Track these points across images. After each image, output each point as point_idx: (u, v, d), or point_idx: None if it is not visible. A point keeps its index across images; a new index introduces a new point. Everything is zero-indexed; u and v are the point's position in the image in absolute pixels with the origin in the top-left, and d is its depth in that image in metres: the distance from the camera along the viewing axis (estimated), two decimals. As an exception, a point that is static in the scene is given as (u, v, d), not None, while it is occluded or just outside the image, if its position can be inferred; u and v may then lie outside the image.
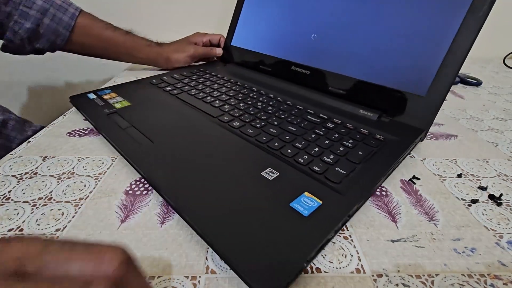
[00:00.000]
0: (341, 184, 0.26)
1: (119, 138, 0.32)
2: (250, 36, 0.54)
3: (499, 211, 0.26)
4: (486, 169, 0.32)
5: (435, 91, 0.33)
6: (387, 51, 0.37)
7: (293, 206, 0.23)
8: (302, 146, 0.31)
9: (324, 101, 0.41)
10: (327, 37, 0.43)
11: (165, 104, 0.41)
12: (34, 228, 0.23)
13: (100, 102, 0.41)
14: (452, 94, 0.54)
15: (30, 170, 0.29)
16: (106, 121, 0.36)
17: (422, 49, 0.35)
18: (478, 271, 0.20)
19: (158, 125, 0.35)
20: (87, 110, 0.39)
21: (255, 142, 0.32)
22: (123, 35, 0.54)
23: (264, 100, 0.42)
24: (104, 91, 0.44)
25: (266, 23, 0.51)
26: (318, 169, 0.27)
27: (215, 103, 0.41)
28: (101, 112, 0.38)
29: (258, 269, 0.18)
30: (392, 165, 0.28)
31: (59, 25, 0.48)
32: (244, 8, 0.56)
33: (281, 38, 0.49)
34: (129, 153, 0.30)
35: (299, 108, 0.39)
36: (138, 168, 0.28)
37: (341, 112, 0.38)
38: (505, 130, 0.40)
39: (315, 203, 0.23)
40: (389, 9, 0.37)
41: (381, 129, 0.34)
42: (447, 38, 0.33)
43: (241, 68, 0.54)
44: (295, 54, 0.47)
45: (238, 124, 0.35)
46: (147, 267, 0.20)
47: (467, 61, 0.33)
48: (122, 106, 0.39)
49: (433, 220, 0.25)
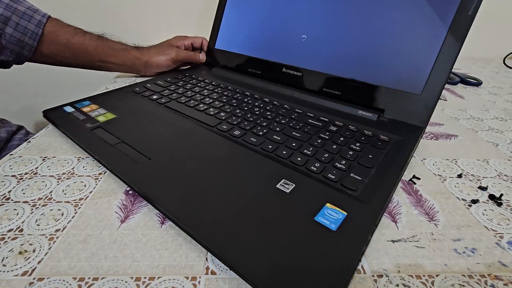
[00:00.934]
0: (359, 191, 0.25)
1: (111, 156, 0.29)
2: (236, 39, 0.52)
3: (500, 211, 0.26)
4: (487, 169, 0.32)
5: (430, 89, 0.34)
6: (380, 51, 0.37)
7: (318, 220, 0.22)
8: (310, 152, 0.29)
9: (320, 103, 0.41)
10: (318, 37, 0.42)
11: (155, 115, 0.37)
12: (34, 229, 0.23)
13: (79, 116, 0.36)
14: (452, 94, 0.54)
15: (30, 170, 0.29)
16: (91, 138, 0.32)
17: (415, 48, 0.35)
18: (479, 272, 0.20)
19: (152, 139, 0.32)
20: (65, 126, 0.34)
21: (261, 151, 0.30)
22: (95, 40, 0.48)
23: (260, 105, 0.40)
24: (82, 103, 0.40)
25: (252, 25, 0.49)
26: (333, 177, 0.26)
27: (209, 111, 0.38)
28: (83, 127, 0.34)
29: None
30: (404, 166, 0.28)
31: (24, 34, 0.43)
32: (227, 9, 0.53)
33: (270, 39, 0.47)
34: (126, 174, 0.26)
35: (298, 112, 0.38)
36: (142, 192, 0.25)
37: (340, 113, 0.38)
38: (505, 130, 0.40)
39: (340, 215, 0.22)
40: (380, 9, 0.37)
41: (383, 129, 0.34)
42: (439, 37, 0.34)
43: (229, 72, 0.52)
44: (286, 56, 0.45)
45: (239, 133, 0.33)
46: (147, 268, 0.20)
47: (467, 61, 0.33)
48: (106, 119, 0.35)
49: (434, 220, 0.25)
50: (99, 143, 0.31)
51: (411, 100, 0.35)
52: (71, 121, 0.35)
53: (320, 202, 0.23)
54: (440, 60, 0.34)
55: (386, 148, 0.30)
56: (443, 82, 0.33)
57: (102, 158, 0.29)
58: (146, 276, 0.20)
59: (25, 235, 0.22)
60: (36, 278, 0.19)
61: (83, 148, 0.31)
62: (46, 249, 0.21)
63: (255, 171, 0.27)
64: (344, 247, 0.20)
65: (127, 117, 0.36)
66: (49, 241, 0.22)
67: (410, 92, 0.35)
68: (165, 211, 0.23)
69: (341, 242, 0.20)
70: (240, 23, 0.51)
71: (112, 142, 0.31)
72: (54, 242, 0.22)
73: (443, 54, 0.33)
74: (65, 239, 0.22)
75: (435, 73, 0.34)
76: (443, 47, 0.33)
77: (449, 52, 0.33)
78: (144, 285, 0.19)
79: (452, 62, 0.33)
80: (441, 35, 0.33)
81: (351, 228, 0.21)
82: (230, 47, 0.53)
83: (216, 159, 0.29)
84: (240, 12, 0.51)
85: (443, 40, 0.33)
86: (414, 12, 0.35)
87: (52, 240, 0.22)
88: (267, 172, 0.27)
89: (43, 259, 0.21)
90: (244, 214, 0.22)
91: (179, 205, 0.23)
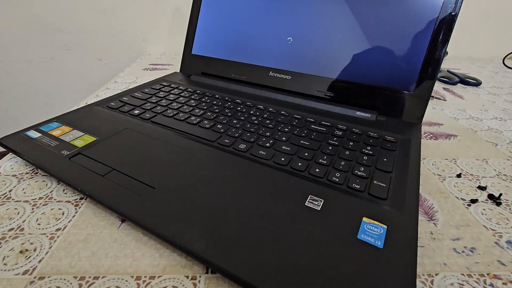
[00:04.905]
0: (389, 199, 0.24)
1: (104, 190, 0.24)
2: (215, 43, 0.48)
3: (499, 210, 0.26)
4: (486, 169, 0.32)
5: (422, 86, 0.35)
6: (369, 51, 0.38)
7: (362, 238, 0.20)
8: (326, 162, 0.28)
9: (315, 106, 0.40)
10: (305, 39, 0.41)
11: (143, 134, 0.32)
12: (35, 228, 0.23)
13: (50, 141, 0.30)
14: (451, 94, 0.54)
15: (30, 170, 0.29)
16: (72, 169, 0.26)
17: (404, 47, 0.36)
18: (478, 271, 0.21)
19: (149, 163, 0.27)
20: (33, 155, 0.28)
21: (275, 165, 0.28)
22: None
23: (256, 113, 0.37)
24: (48, 125, 0.33)
25: (232, 28, 0.47)
26: (358, 187, 0.25)
27: (203, 123, 0.34)
28: (57, 155, 0.28)
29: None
30: (419, 165, 0.28)
31: None
32: (203, 12, 0.49)
33: (252, 42, 0.45)
34: (131, 212, 0.22)
35: (297, 118, 0.36)
36: (157, 233, 0.21)
37: (338, 116, 0.38)
38: (505, 130, 0.40)
39: (381, 229, 0.21)
40: (366, 9, 0.38)
41: (385, 129, 0.34)
42: (425, 35, 0.35)
43: (211, 79, 0.48)
44: (271, 59, 0.44)
45: (245, 146, 0.30)
46: (148, 267, 0.20)
47: (466, 61, 0.34)
48: (85, 143, 0.30)
49: (433, 220, 0.25)
50: (84, 174, 0.26)
51: (404, 98, 0.36)
52: (38, 148, 0.29)
53: (356, 217, 0.22)
54: (428, 58, 0.35)
55: (396, 149, 0.30)
56: (433, 79, 0.35)
57: (94, 194, 0.24)
58: (147, 275, 0.20)
59: (26, 234, 0.22)
60: (37, 277, 0.19)
61: (66, 182, 0.25)
62: (47, 248, 0.21)
63: (277, 189, 0.24)
64: (398, 265, 0.18)
65: (110, 138, 0.31)
66: (50, 240, 0.22)
67: (403, 90, 0.36)
68: (193, 252, 0.19)
69: (393, 259, 0.19)
70: (219, 26, 0.48)
71: (101, 172, 0.26)
72: (54, 241, 0.22)
73: (430, 52, 0.35)
74: (65, 238, 0.22)
75: (425, 71, 0.35)
76: (430, 45, 0.35)
77: (436, 49, 0.34)
78: (145, 284, 0.19)
79: (440, 59, 0.34)
80: (428, 33, 0.35)
81: (397, 242, 0.20)
82: (209, 52, 0.49)
83: (229, 180, 0.25)
84: (218, 14, 0.48)
85: (429, 38, 0.34)
86: (401, 12, 0.36)
87: (52, 239, 0.22)
88: (290, 188, 0.25)
89: (44, 258, 0.21)
90: (283, 242, 0.20)
91: (207, 243, 0.20)
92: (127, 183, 0.25)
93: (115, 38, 0.79)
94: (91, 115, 0.36)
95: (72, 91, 0.86)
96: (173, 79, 0.49)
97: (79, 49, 0.81)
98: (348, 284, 0.17)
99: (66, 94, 0.86)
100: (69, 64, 0.82)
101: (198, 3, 0.50)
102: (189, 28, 0.51)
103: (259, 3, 0.44)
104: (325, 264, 0.18)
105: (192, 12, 0.50)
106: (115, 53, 0.81)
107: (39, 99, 0.86)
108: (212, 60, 0.49)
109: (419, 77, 0.35)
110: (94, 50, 0.81)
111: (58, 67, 0.82)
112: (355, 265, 0.18)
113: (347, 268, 0.18)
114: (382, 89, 0.37)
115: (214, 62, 0.48)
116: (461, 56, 0.81)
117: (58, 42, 0.79)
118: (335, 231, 0.21)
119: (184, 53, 0.52)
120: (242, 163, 0.28)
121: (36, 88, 0.84)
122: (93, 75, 0.84)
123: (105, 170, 0.26)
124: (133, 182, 0.25)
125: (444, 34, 0.34)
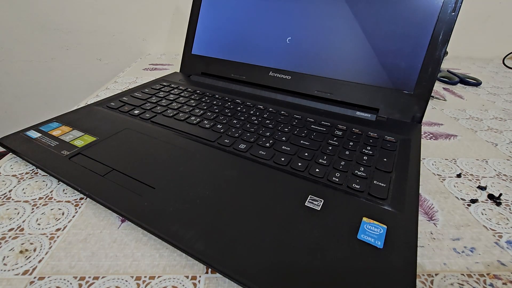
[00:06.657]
0: (389, 199, 0.24)
1: (104, 190, 0.24)
2: (215, 43, 0.48)
3: (499, 210, 0.26)
4: (486, 169, 0.32)
5: (421, 86, 0.35)
6: (369, 51, 0.38)
7: (361, 238, 0.20)
8: (326, 162, 0.28)
9: (315, 106, 0.40)
10: (305, 39, 0.41)
11: (143, 134, 0.32)
12: (35, 228, 0.23)
13: (50, 141, 0.30)
14: (451, 94, 0.54)
15: (30, 170, 0.29)
16: (72, 169, 0.27)
17: (404, 47, 0.36)
18: (478, 271, 0.21)
19: (149, 163, 0.27)
20: (33, 155, 0.28)
21: (275, 165, 0.28)
22: None
23: (256, 113, 0.38)
24: (48, 125, 0.33)
25: (231, 28, 0.47)
26: (358, 187, 0.25)
27: (203, 123, 0.35)
28: (57, 155, 0.28)
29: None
30: (419, 166, 0.28)
31: None
32: (203, 12, 0.50)
33: (252, 42, 0.45)
34: (131, 211, 0.22)
35: (297, 118, 0.37)
36: (158, 233, 0.21)
37: (338, 116, 0.38)
38: (505, 130, 0.40)
39: (381, 229, 0.21)
40: (366, 9, 0.38)
41: (385, 129, 0.34)
42: (425, 36, 0.35)
43: (211, 79, 0.48)
44: (271, 59, 0.44)
45: (245, 146, 0.30)
46: (147, 267, 0.20)
47: (466, 61, 0.34)
48: (85, 143, 0.30)
49: (433, 220, 0.25)
50: (84, 174, 0.26)
51: (404, 98, 0.36)
52: (38, 149, 0.29)
53: (356, 217, 0.22)
54: (428, 57, 0.35)
55: (396, 149, 0.30)
56: (433, 79, 0.35)
57: (94, 194, 0.24)
58: (146, 275, 0.20)
59: (26, 234, 0.22)
60: (37, 277, 0.19)
61: (66, 182, 0.25)
62: (46, 248, 0.21)
63: (277, 189, 0.25)
64: (398, 265, 0.18)
65: (110, 139, 0.31)
66: (50, 240, 0.22)
67: (403, 90, 0.36)
68: (193, 252, 0.19)
69: (393, 259, 0.19)
70: (219, 26, 0.48)
71: (101, 172, 0.26)
72: (54, 241, 0.22)
73: (430, 52, 0.35)
74: (65, 238, 0.22)
75: (425, 71, 0.35)
76: (430, 45, 0.35)
77: (436, 49, 0.34)
78: (144, 284, 0.19)
79: (440, 59, 0.34)
80: (428, 33, 0.35)
81: (397, 242, 0.20)
82: (208, 52, 0.49)
83: (229, 180, 0.26)
84: (218, 14, 0.48)
85: (429, 38, 0.35)
86: (401, 12, 0.36)
87: (52, 239, 0.22)
88: (290, 188, 0.25)
89: (43, 258, 0.21)
90: (283, 242, 0.20)
91: (207, 243, 0.20)
92: (127, 183, 0.25)
93: (115, 38, 0.79)
94: (91, 115, 0.36)
95: (72, 91, 0.86)
96: (173, 79, 0.49)
97: (79, 49, 0.80)
98: (348, 284, 0.17)
99: (66, 94, 0.86)
100: (69, 64, 0.82)
101: (198, 3, 0.50)
102: (189, 28, 0.51)
103: (258, 3, 0.44)
104: (325, 264, 0.18)
105: (192, 12, 0.50)
106: (115, 53, 0.81)
107: (39, 99, 0.86)
108: (212, 60, 0.49)
109: (419, 77, 0.35)
110: (94, 50, 0.81)
111: (58, 67, 0.82)
112: (355, 265, 0.18)
113: (347, 268, 0.18)
114: (382, 89, 0.37)
115: (214, 62, 0.49)
116: (461, 56, 0.81)
117: (58, 42, 0.79)
118: (335, 231, 0.21)
119: (184, 53, 0.52)
120: (242, 163, 0.28)
121: (36, 88, 0.84)
122: (93, 75, 0.84)
123: (105, 170, 0.26)
124: (133, 182, 0.25)
125: (444, 34, 0.34)
